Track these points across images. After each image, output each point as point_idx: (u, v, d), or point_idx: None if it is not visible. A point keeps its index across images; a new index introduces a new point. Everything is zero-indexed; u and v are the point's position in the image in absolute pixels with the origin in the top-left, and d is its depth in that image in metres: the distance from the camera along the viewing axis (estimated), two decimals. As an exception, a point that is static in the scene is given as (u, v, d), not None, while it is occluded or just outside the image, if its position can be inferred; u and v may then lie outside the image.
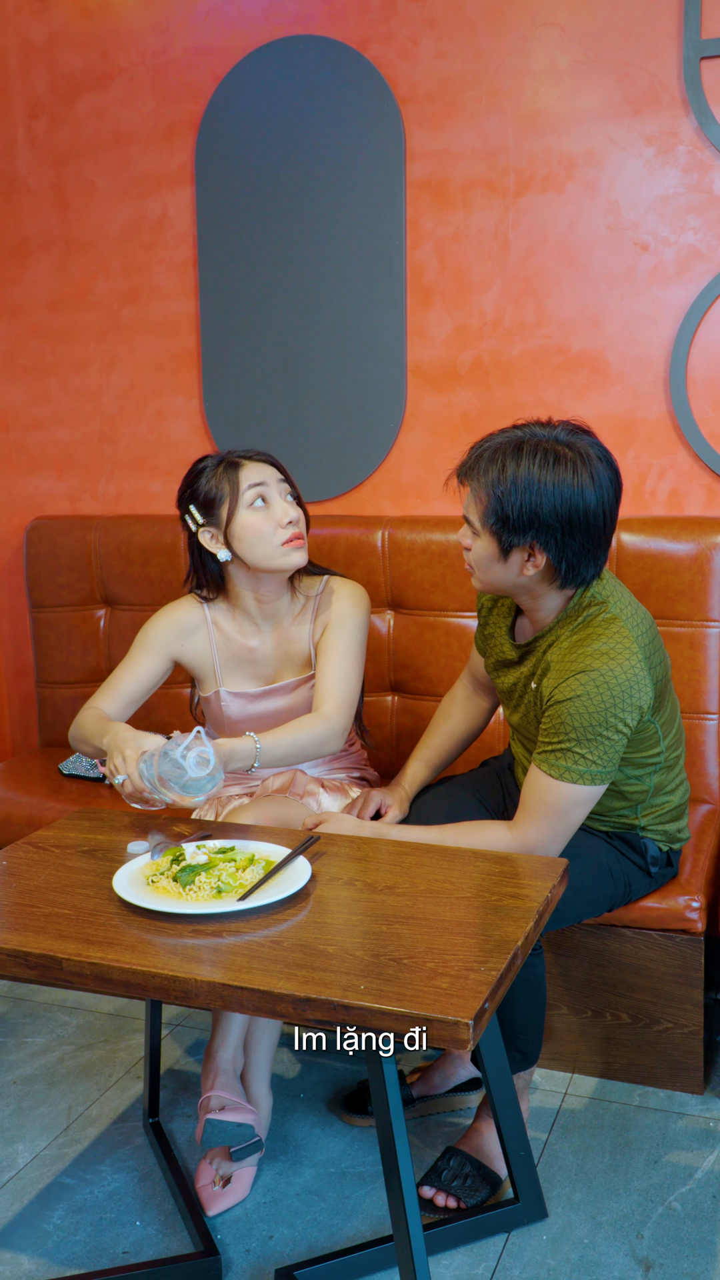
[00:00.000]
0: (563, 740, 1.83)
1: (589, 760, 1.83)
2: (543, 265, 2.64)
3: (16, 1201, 1.98)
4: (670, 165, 2.52)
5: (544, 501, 1.78)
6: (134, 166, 2.96)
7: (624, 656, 1.82)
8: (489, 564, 1.88)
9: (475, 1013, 1.34)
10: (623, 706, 1.81)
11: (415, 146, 2.70)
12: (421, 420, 2.79)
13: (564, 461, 1.79)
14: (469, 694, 2.29)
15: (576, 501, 1.79)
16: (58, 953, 1.52)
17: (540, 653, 1.94)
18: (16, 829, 2.61)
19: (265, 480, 2.12)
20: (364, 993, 1.39)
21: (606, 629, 1.85)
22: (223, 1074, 1.96)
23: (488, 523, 1.83)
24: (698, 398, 2.56)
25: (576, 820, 1.88)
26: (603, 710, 1.80)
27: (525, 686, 1.98)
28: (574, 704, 1.81)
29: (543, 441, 1.81)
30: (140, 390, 3.06)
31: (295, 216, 2.81)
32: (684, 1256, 1.81)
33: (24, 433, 3.20)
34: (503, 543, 1.83)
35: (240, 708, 2.24)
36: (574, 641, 1.87)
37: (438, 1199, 1.92)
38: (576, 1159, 2.05)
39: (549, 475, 1.78)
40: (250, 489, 2.11)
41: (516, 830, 1.88)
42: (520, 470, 1.79)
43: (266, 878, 1.68)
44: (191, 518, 2.16)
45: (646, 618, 1.94)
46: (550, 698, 1.86)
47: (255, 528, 2.10)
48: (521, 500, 1.78)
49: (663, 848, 2.09)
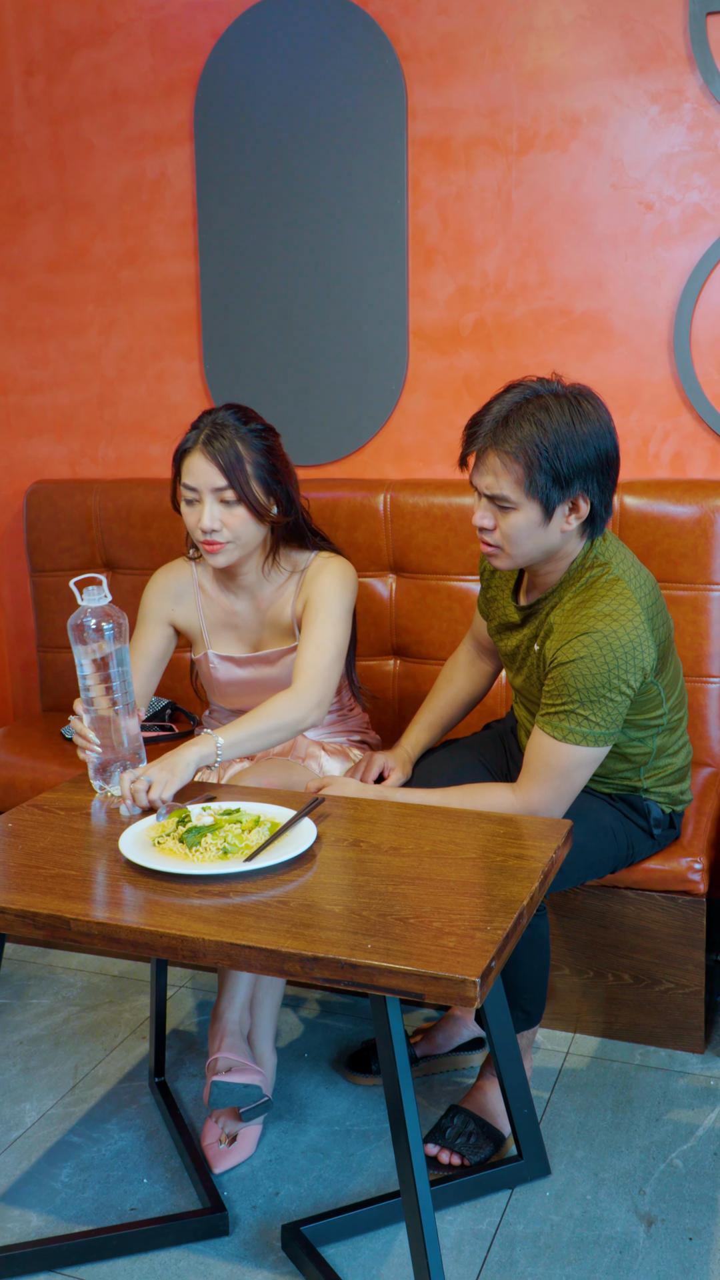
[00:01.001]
0: (566, 702, 1.84)
1: (592, 722, 1.83)
2: (546, 225, 2.61)
3: (25, 1160, 2.00)
4: (675, 123, 2.49)
5: (588, 447, 1.78)
6: (132, 125, 2.92)
7: (627, 618, 1.82)
8: (529, 533, 1.83)
9: (482, 971, 1.35)
10: (626, 668, 1.81)
11: (417, 104, 2.66)
12: (423, 383, 2.78)
13: (584, 405, 1.79)
14: (472, 658, 2.29)
15: (608, 440, 1.81)
16: (66, 913, 1.52)
17: (543, 615, 1.94)
18: (20, 793, 2.61)
19: (198, 488, 2.07)
20: (371, 951, 1.40)
21: (609, 590, 1.85)
22: (229, 1035, 1.98)
23: (532, 488, 1.78)
24: (701, 359, 2.54)
25: (580, 782, 1.88)
26: (606, 672, 1.81)
27: (528, 649, 1.98)
28: (577, 665, 1.81)
29: (556, 394, 1.80)
30: (140, 353, 3.03)
31: (295, 175, 2.78)
32: (685, 1212, 1.83)
33: (23, 396, 3.17)
34: (549, 504, 1.79)
35: (228, 671, 2.25)
36: (577, 603, 1.87)
37: (442, 1156, 1.94)
38: (579, 1117, 2.07)
39: (581, 421, 1.78)
40: (185, 487, 2.09)
41: (520, 792, 1.89)
42: (556, 422, 1.77)
43: (272, 839, 1.68)
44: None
45: (649, 579, 1.94)
46: (553, 659, 1.86)
47: (185, 518, 2.12)
48: (569, 451, 1.76)
49: (665, 810, 2.09)
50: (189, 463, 2.08)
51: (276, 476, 2.12)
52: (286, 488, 2.14)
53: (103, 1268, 1.75)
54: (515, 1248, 1.77)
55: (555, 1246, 1.77)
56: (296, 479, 2.19)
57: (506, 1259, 1.75)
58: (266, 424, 2.15)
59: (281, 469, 2.13)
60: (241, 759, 2.25)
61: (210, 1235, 1.80)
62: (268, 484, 2.10)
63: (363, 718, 2.42)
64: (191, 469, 2.07)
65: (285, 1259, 1.76)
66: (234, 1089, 1.89)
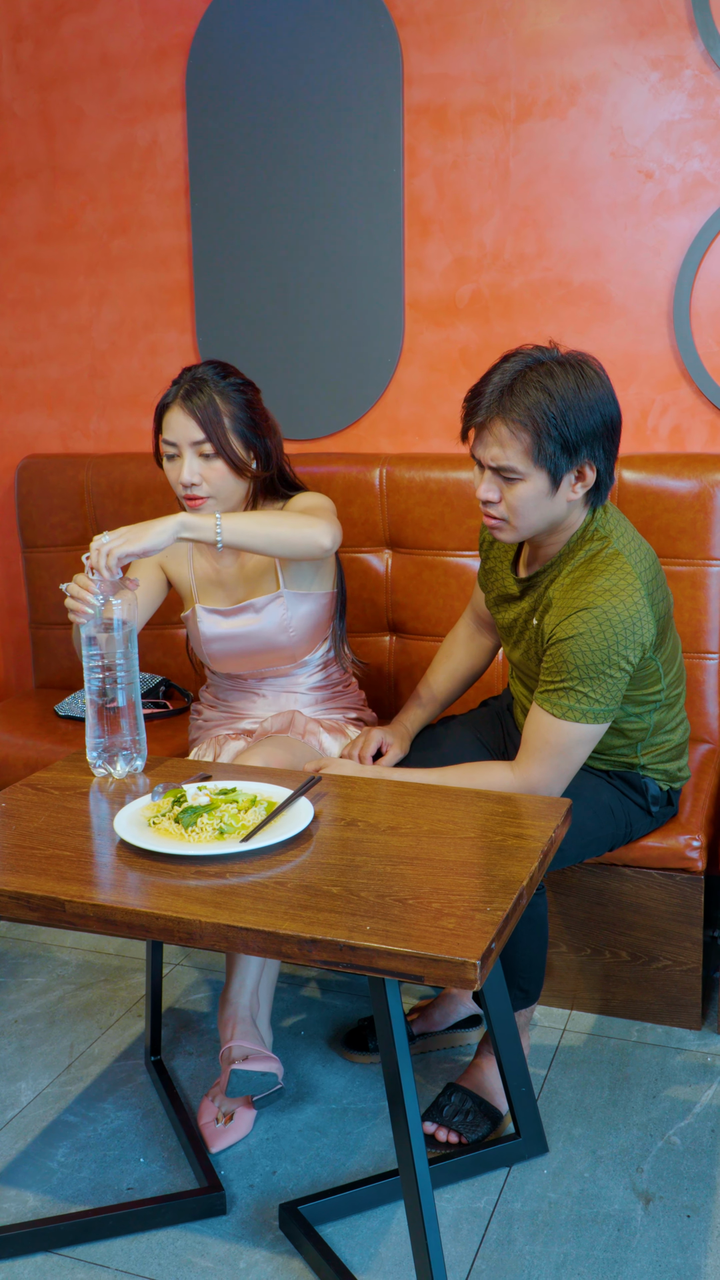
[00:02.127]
0: (565, 679, 1.82)
1: (591, 698, 1.81)
2: (544, 194, 2.57)
3: (20, 1139, 1.99)
4: (676, 90, 2.45)
5: (594, 412, 1.76)
6: (123, 91, 2.87)
7: (626, 593, 1.80)
8: (536, 504, 1.80)
9: (482, 953, 1.33)
10: (625, 644, 1.79)
11: (413, 70, 2.61)
12: (420, 355, 2.74)
13: (587, 371, 1.77)
14: (471, 633, 2.27)
15: (612, 406, 1.79)
16: (60, 895, 1.51)
17: (542, 588, 1.92)
18: (13, 771, 2.59)
19: (178, 442, 2.08)
20: (370, 933, 1.38)
21: (609, 565, 1.83)
22: (242, 1022, 1.95)
23: (540, 456, 1.75)
24: (701, 331, 2.51)
25: (579, 759, 1.87)
26: (605, 648, 1.78)
27: (526, 622, 1.96)
28: (576, 642, 1.79)
29: (558, 361, 1.78)
30: (131, 325, 2.99)
31: (289, 143, 2.73)
32: (683, 1190, 1.83)
33: (13, 369, 3.13)
34: (557, 472, 1.77)
35: (214, 626, 2.23)
36: (576, 578, 1.84)
37: (439, 1134, 1.94)
38: (576, 1094, 2.06)
39: (586, 387, 1.76)
40: (165, 443, 2.10)
41: (519, 770, 1.87)
42: (563, 388, 1.74)
43: (269, 819, 1.66)
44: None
45: (649, 553, 1.92)
46: (552, 635, 1.84)
47: (167, 474, 2.14)
48: (577, 417, 1.74)
49: (663, 787, 2.08)
50: (168, 418, 2.09)
51: (256, 430, 2.12)
52: (265, 442, 2.14)
53: (99, 1248, 1.75)
54: (513, 1226, 1.77)
55: (553, 1224, 1.77)
56: (279, 433, 2.19)
57: (504, 1237, 1.75)
58: (246, 379, 2.15)
59: (260, 423, 2.13)
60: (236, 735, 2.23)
61: (207, 1214, 1.80)
62: (247, 438, 2.11)
63: (359, 694, 2.40)
64: (170, 424, 2.08)
65: (283, 1238, 1.75)
66: (253, 1077, 1.88)
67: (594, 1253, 1.71)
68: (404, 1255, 1.71)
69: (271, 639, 2.21)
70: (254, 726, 2.26)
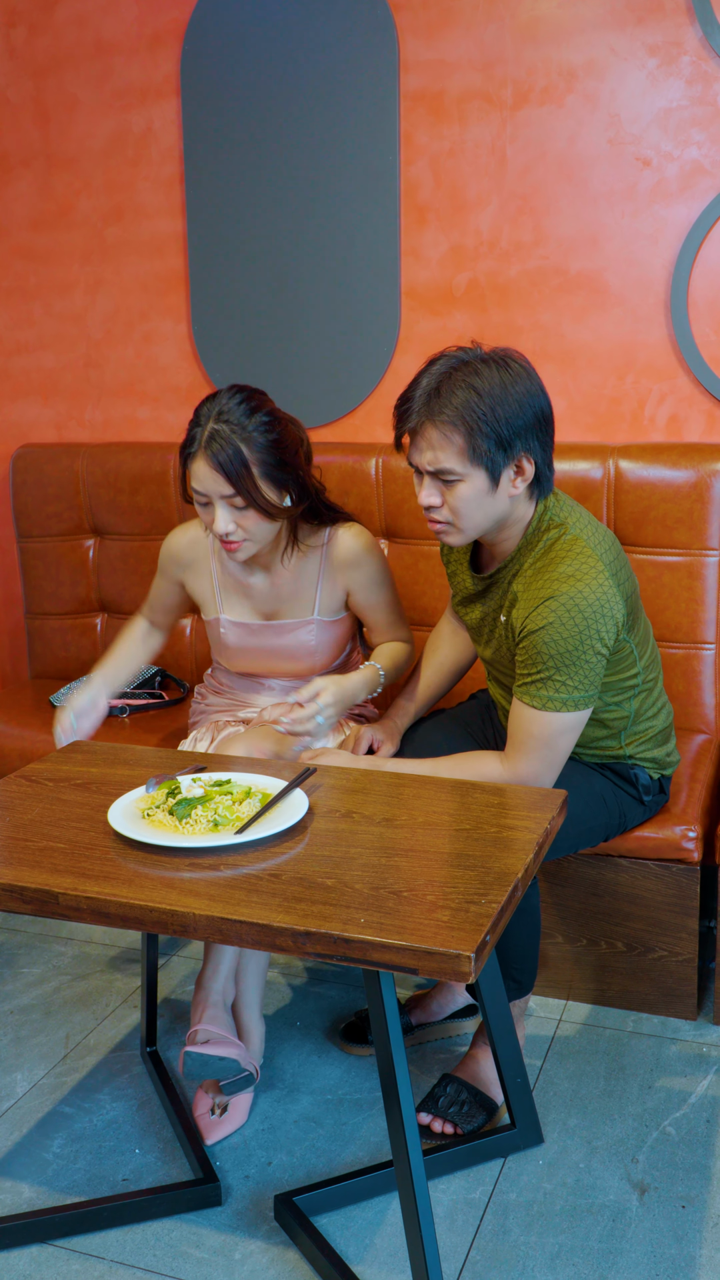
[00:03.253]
0: (541, 669, 1.80)
1: (570, 686, 1.80)
2: (541, 182, 2.56)
3: (16, 1130, 1.99)
4: (674, 77, 2.43)
5: (524, 405, 1.75)
6: (117, 78, 2.85)
7: (591, 576, 1.78)
8: (479, 503, 1.79)
9: (477, 946, 1.33)
10: (597, 626, 1.78)
11: (409, 56, 2.60)
12: (416, 344, 2.73)
13: (512, 366, 1.77)
14: (454, 628, 2.26)
15: (541, 398, 1.79)
16: (54, 887, 1.50)
17: (505, 584, 1.91)
18: (8, 762, 2.59)
19: (207, 493, 2.00)
20: (364, 926, 1.38)
21: (569, 551, 1.81)
22: (211, 1006, 1.96)
23: (475, 455, 1.74)
24: (699, 320, 2.50)
25: (565, 748, 1.86)
26: (578, 634, 1.77)
27: (494, 620, 1.95)
28: (547, 631, 1.78)
29: (481, 359, 1.77)
30: (127, 314, 2.98)
31: (284, 130, 2.71)
32: (678, 1180, 1.83)
33: (7, 358, 3.12)
34: (494, 468, 1.76)
35: (239, 637, 2.22)
36: (538, 568, 1.83)
37: (434, 1125, 1.94)
38: (571, 1085, 2.06)
39: (512, 381, 1.75)
40: (194, 489, 2.03)
41: (508, 764, 1.87)
42: (489, 385, 1.73)
43: (263, 811, 1.66)
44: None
45: (608, 535, 1.91)
46: (522, 628, 1.83)
47: (200, 516, 2.08)
48: (507, 412, 1.73)
49: (653, 775, 2.08)
50: (195, 468, 2.00)
51: (285, 469, 2.03)
52: (298, 474, 2.06)
53: (95, 1239, 1.75)
54: (508, 1216, 1.77)
55: (548, 1215, 1.77)
56: (308, 451, 2.12)
57: (500, 1228, 1.75)
58: (272, 411, 2.03)
59: (290, 459, 2.03)
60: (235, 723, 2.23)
61: (203, 1205, 1.80)
62: (276, 479, 2.02)
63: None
64: (198, 475, 2.00)
65: (278, 1229, 1.76)
66: (209, 1060, 1.88)
67: (589, 1243, 1.71)
68: (399, 1246, 1.71)
69: (295, 655, 2.21)
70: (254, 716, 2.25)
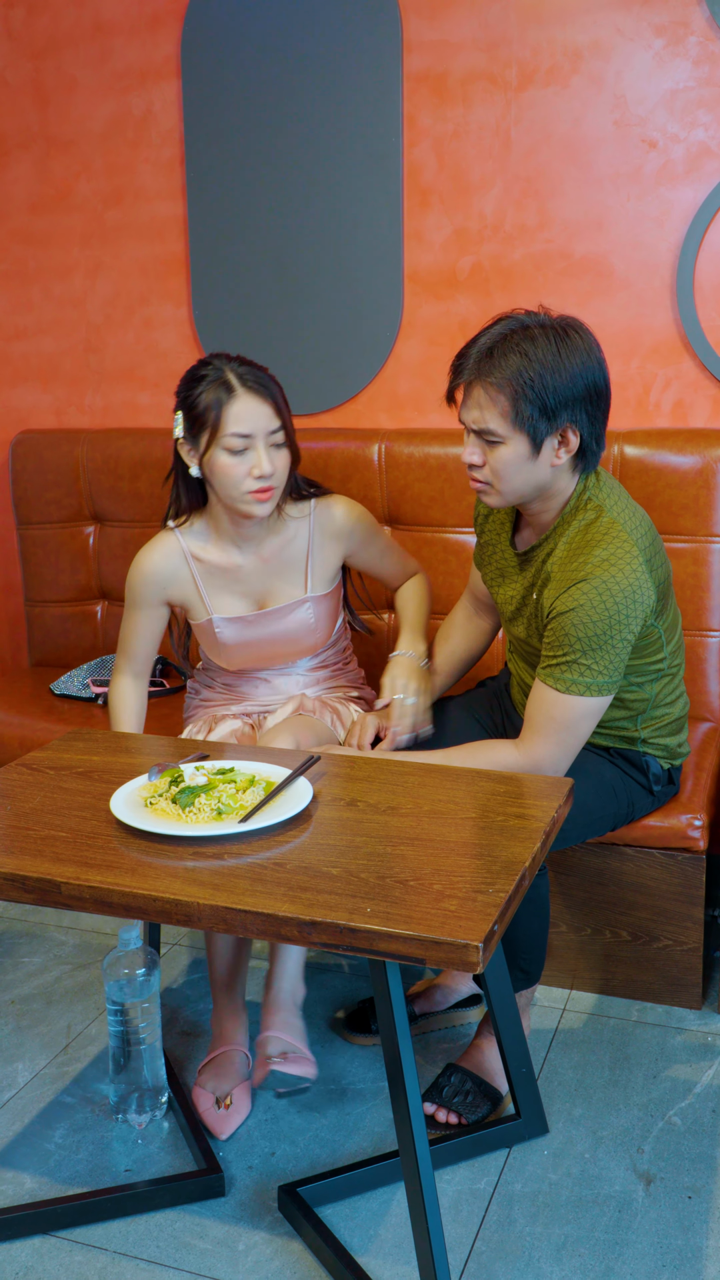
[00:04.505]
0: (567, 652, 1.79)
1: (595, 671, 1.79)
2: (546, 164, 2.53)
3: (17, 1121, 1.98)
4: (680, 57, 2.40)
5: (575, 378, 1.74)
6: (116, 59, 2.82)
7: (625, 562, 1.77)
8: (519, 467, 1.79)
9: (484, 935, 1.31)
10: (626, 614, 1.77)
11: (412, 37, 2.57)
12: (419, 329, 2.70)
13: (571, 336, 1.76)
14: (469, 615, 2.25)
15: (597, 372, 1.77)
16: (56, 876, 1.48)
17: (539, 562, 1.89)
18: (9, 750, 2.57)
19: (253, 432, 1.99)
20: (370, 915, 1.36)
21: (606, 535, 1.80)
22: (283, 1010, 1.92)
23: (518, 419, 1.74)
24: (705, 304, 2.48)
25: (584, 733, 1.84)
26: (606, 619, 1.76)
27: (526, 597, 1.93)
28: (576, 614, 1.77)
29: (542, 325, 1.77)
30: (127, 298, 2.95)
31: (286, 112, 2.68)
32: (684, 1170, 1.82)
33: (6, 343, 3.09)
34: (536, 435, 1.75)
35: (235, 633, 2.17)
36: (572, 550, 1.82)
37: (439, 1115, 1.93)
38: (576, 1074, 2.05)
39: (568, 351, 1.74)
40: (232, 436, 1.99)
41: (524, 748, 1.85)
42: (541, 353, 1.72)
43: (267, 799, 1.64)
44: (178, 423, 2.05)
45: (645, 520, 1.89)
46: (551, 609, 1.81)
47: (227, 471, 2.01)
48: (556, 381, 1.72)
49: (664, 765, 2.06)
50: (236, 409, 1.98)
51: (290, 435, 2.07)
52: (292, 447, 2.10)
53: (98, 1230, 1.74)
54: (513, 1207, 1.76)
55: (554, 1205, 1.76)
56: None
57: (505, 1218, 1.74)
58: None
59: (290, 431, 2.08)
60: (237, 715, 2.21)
61: (206, 1196, 1.79)
62: (288, 438, 2.07)
63: (358, 672, 2.38)
64: (242, 415, 1.98)
65: (281, 1220, 1.74)
66: (288, 1079, 1.85)
67: (595, 1234, 1.70)
68: (403, 1237, 1.70)
69: (296, 638, 2.19)
70: (254, 709, 2.23)
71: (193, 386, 2.03)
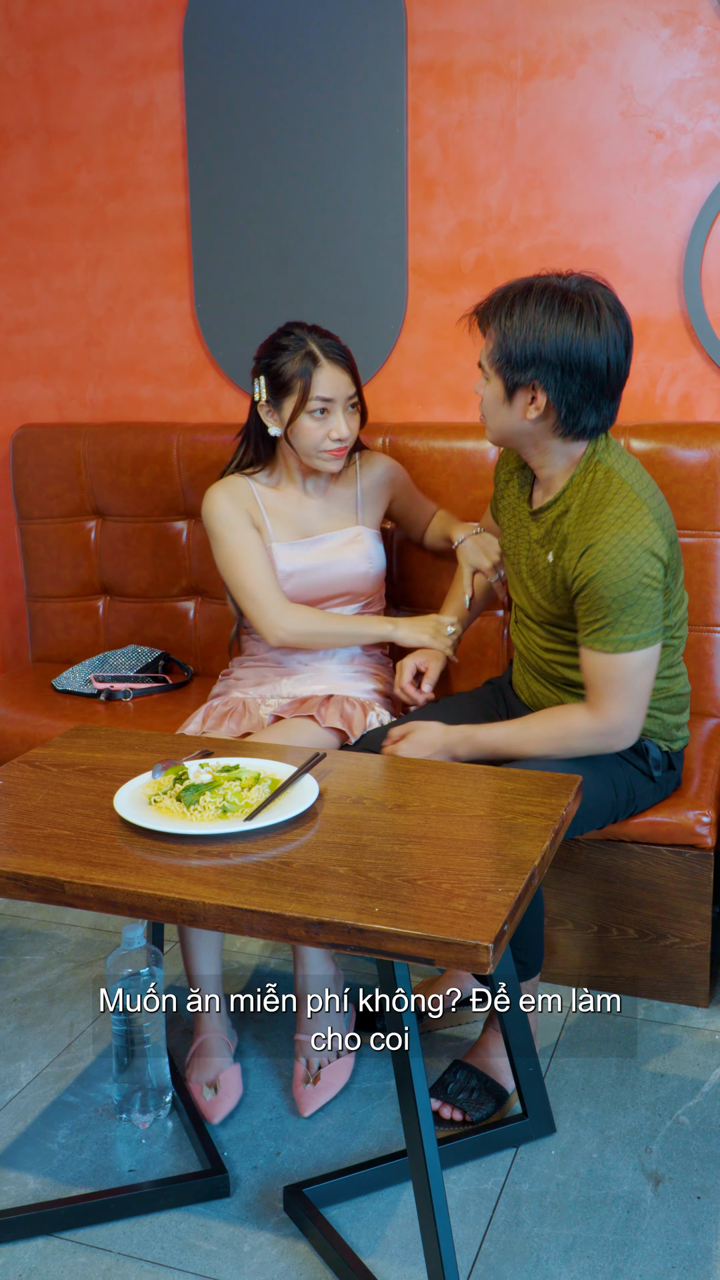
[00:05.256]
0: (604, 615, 1.84)
1: (636, 625, 1.83)
2: (551, 155, 2.51)
3: (20, 1120, 1.96)
4: (688, 47, 2.38)
5: (545, 341, 1.81)
6: (118, 49, 2.79)
7: (635, 518, 1.84)
8: (496, 408, 1.91)
9: (495, 935, 1.30)
10: (647, 565, 1.83)
11: (417, 27, 2.54)
12: (423, 322, 2.68)
13: (570, 306, 1.81)
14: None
15: (577, 344, 1.81)
16: (59, 875, 1.47)
17: (551, 523, 1.94)
18: (11, 747, 2.55)
19: (334, 397, 2.17)
20: (379, 915, 1.34)
21: (615, 495, 1.86)
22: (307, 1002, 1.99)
23: (494, 363, 1.86)
24: (712, 297, 2.46)
25: (646, 685, 1.89)
26: (631, 573, 1.81)
27: (540, 555, 1.98)
28: (601, 578, 1.82)
29: (553, 286, 1.84)
30: (128, 291, 2.93)
31: (289, 103, 2.66)
32: (693, 1170, 1.80)
33: (7, 336, 3.07)
34: (508, 383, 1.86)
35: (295, 557, 2.27)
36: (585, 512, 1.88)
37: (444, 1111, 1.92)
38: (583, 1073, 2.04)
39: (553, 317, 1.81)
40: (317, 399, 2.16)
41: (595, 712, 1.89)
42: (527, 311, 1.82)
43: (273, 797, 1.63)
44: (259, 388, 2.21)
45: (653, 484, 1.95)
46: (576, 577, 1.86)
47: (310, 434, 2.19)
48: (524, 338, 1.81)
49: (663, 748, 2.05)
50: (320, 379, 2.16)
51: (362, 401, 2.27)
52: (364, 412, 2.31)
53: (101, 1231, 1.72)
54: (521, 1207, 1.74)
55: (562, 1206, 1.74)
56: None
57: (512, 1219, 1.72)
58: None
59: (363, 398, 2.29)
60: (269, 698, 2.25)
61: (211, 1197, 1.77)
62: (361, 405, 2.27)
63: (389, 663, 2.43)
64: (329, 382, 2.17)
65: (287, 1220, 1.73)
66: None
67: (603, 1235, 1.69)
68: (411, 1237, 1.69)
69: (351, 563, 2.30)
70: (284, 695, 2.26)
71: (276, 354, 2.19)
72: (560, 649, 1.99)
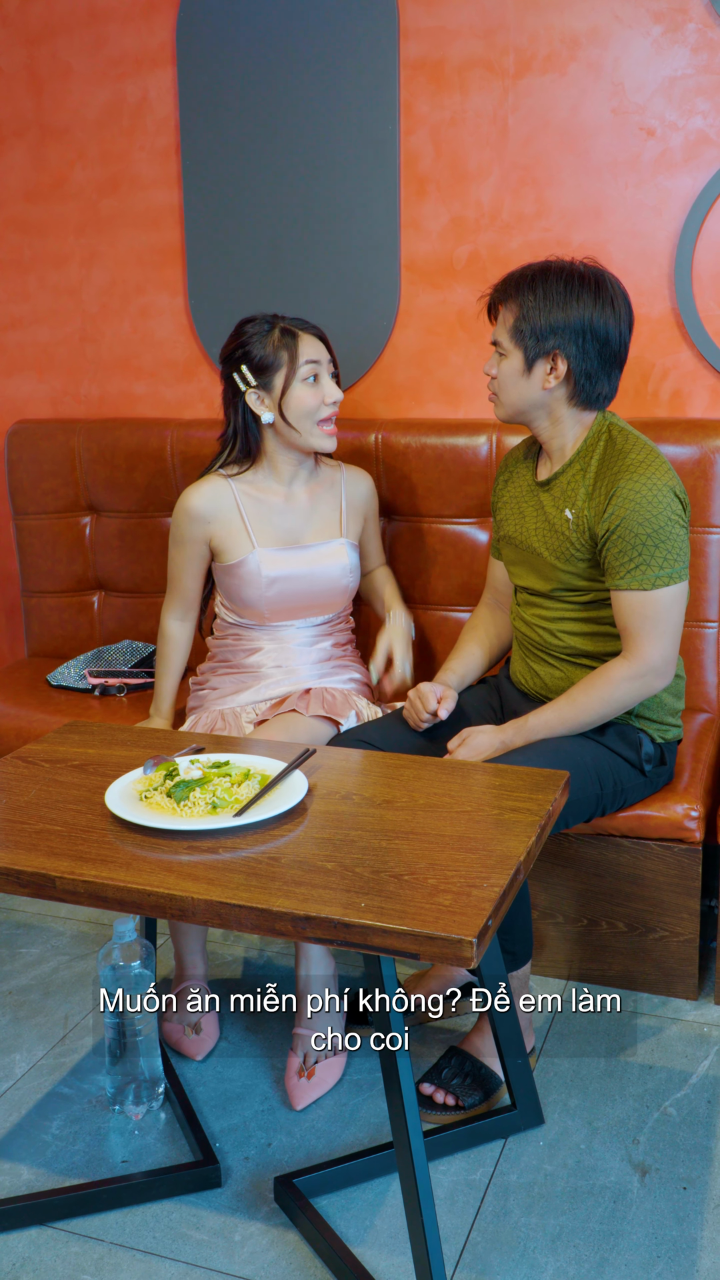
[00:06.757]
0: (637, 554, 1.91)
1: (670, 560, 1.91)
2: (543, 152, 2.52)
3: (15, 1112, 1.98)
4: (679, 44, 2.39)
5: (569, 312, 1.94)
6: (112, 46, 2.80)
7: (657, 462, 1.95)
8: (514, 381, 2.00)
9: (479, 930, 1.32)
10: (672, 502, 1.93)
11: (409, 23, 2.55)
12: (416, 318, 2.69)
13: (587, 283, 1.96)
14: (491, 609, 2.32)
15: (596, 315, 1.95)
16: (50, 871, 1.49)
17: (566, 483, 2.03)
18: (5, 741, 2.57)
19: (319, 359, 2.21)
20: (365, 910, 1.36)
21: (634, 446, 1.97)
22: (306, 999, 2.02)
23: (517, 335, 1.97)
24: (703, 294, 2.46)
25: (678, 621, 1.96)
26: (661, 508, 1.90)
27: (559, 515, 2.02)
28: (634, 515, 1.90)
29: (568, 267, 1.98)
30: (122, 287, 2.94)
31: (282, 100, 2.67)
32: (679, 1161, 1.82)
33: (1, 332, 3.08)
34: (529, 354, 1.97)
35: (277, 564, 2.25)
36: (605, 460, 1.98)
37: (436, 1096, 1.94)
38: (572, 1065, 2.06)
39: (573, 291, 1.95)
40: (306, 364, 2.18)
41: (632, 655, 1.95)
42: (551, 287, 1.96)
43: (262, 793, 1.64)
44: (243, 378, 2.21)
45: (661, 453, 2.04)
46: (607, 518, 1.93)
47: (304, 401, 2.20)
48: (549, 309, 1.94)
49: (656, 739, 2.07)
50: (304, 341, 2.20)
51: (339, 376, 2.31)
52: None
53: (94, 1221, 1.74)
54: (509, 1198, 1.76)
55: (549, 1196, 1.76)
56: None
57: (500, 1209, 1.74)
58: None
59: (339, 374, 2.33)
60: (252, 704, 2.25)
61: (202, 1187, 1.79)
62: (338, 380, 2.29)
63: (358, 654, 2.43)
64: (308, 347, 2.20)
65: (278, 1210, 1.75)
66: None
67: (590, 1225, 1.71)
68: (399, 1227, 1.71)
69: (336, 579, 2.30)
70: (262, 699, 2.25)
71: (249, 341, 2.21)
72: (570, 615, 2.05)
